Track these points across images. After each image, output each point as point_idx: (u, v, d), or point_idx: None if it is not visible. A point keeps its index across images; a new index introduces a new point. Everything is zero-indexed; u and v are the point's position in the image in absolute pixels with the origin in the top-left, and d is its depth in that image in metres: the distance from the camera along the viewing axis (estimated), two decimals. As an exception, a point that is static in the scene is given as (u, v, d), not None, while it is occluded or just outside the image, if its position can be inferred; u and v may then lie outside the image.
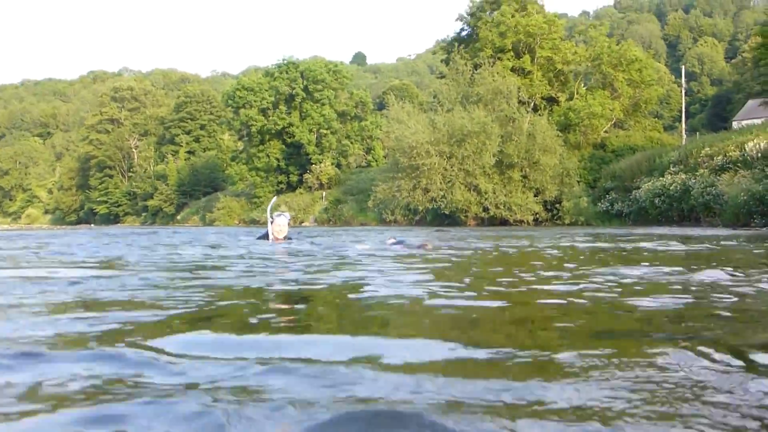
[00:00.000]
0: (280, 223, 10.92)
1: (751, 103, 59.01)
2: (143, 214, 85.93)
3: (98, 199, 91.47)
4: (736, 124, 49.97)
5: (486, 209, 37.00)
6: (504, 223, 36.52)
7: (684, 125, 51.70)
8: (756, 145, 26.55)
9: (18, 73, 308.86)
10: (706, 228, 22.39)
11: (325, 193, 59.08)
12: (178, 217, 77.31)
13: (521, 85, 40.52)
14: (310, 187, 61.27)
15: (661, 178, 30.28)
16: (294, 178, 63.94)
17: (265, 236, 11.12)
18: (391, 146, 41.38)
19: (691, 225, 25.98)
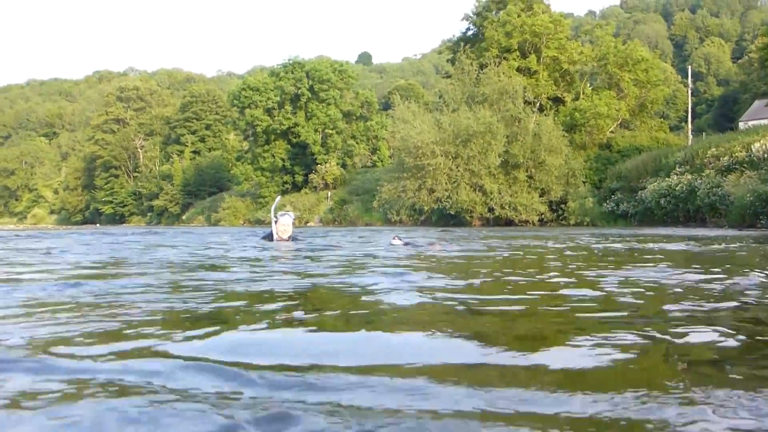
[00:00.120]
0: (284, 223, 10.83)
1: (758, 104, 58.79)
2: (149, 214, 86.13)
3: (104, 199, 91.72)
4: (742, 125, 49.76)
5: (491, 209, 36.95)
6: (509, 223, 36.46)
7: (690, 125, 51.45)
8: (762, 146, 26.43)
9: (24, 73, 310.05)
10: (713, 229, 22.29)
11: (330, 194, 59.11)
12: (184, 217, 77.46)
13: (527, 85, 40.48)
14: (316, 187, 61.32)
15: (667, 179, 30.18)
16: (299, 178, 64.00)
17: (269, 236, 11.05)
18: (397, 146, 41.37)
19: (696, 226, 25.88)
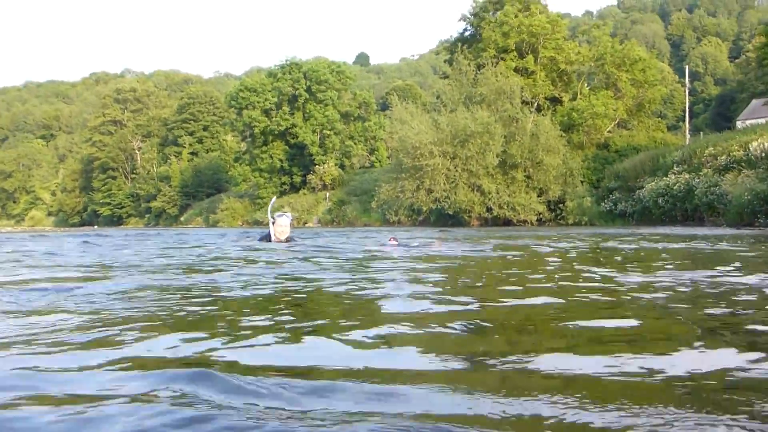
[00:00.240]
0: (281, 224, 10.81)
1: (755, 103, 58.86)
2: (146, 216, 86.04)
3: (101, 201, 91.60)
4: (740, 124, 49.87)
5: (489, 209, 36.97)
6: (507, 223, 36.49)
7: (688, 125, 51.59)
8: (760, 145, 26.43)
9: (21, 75, 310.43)
10: (711, 228, 22.30)
11: (328, 194, 59.10)
12: (182, 219, 77.39)
13: (524, 85, 40.50)
14: (314, 188, 61.31)
15: (665, 178, 30.21)
16: (297, 179, 63.99)
17: (267, 237, 11.01)
18: (395, 147, 41.38)
19: (694, 225, 25.89)
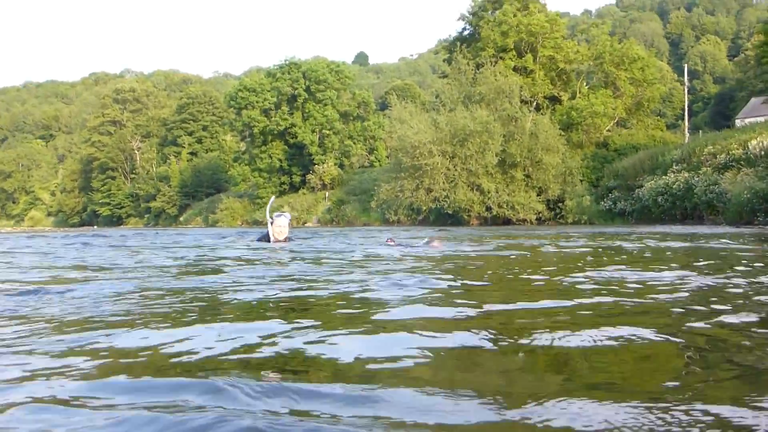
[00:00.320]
0: (280, 224, 10.76)
1: (754, 101, 58.88)
2: (146, 216, 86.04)
3: (101, 201, 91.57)
4: (739, 122, 49.89)
5: (489, 209, 36.98)
6: (507, 222, 36.50)
7: (687, 123, 51.64)
8: (759, 143, 26.47)
9: (20, 76, 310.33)
10: (710, 226, 22.32)
11: (328, 194, 59.10)
12: (181, 219, 77.38)
13: (523, 84, 40.51)
14: (313, 188, 61.30)
15: (664, 177, 30.21)
16: (297, 179, 63.98)
17: (266, 237, 10.96)
18: (394, 146, 41.38)
19: (694, 223, 25.93)
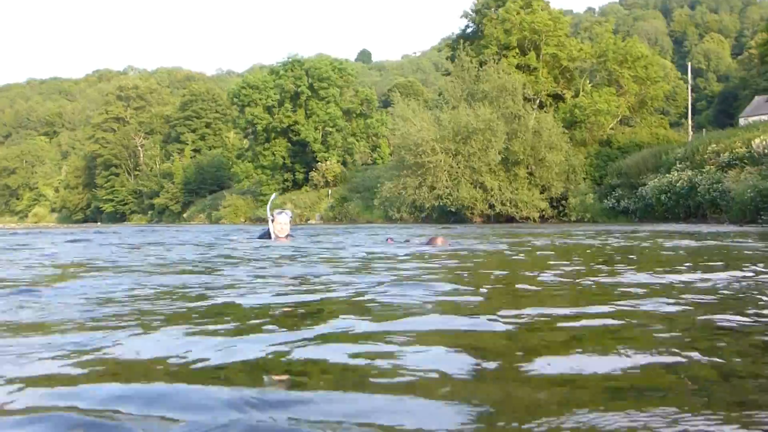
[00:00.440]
0: (281, 221, 10.61)
1: (758, 100, 58.81)
2: (149, 213, 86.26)
3: (104, 198, 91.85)
4: (742, 121, 49.78)
5: (492, 206, 36.99)
6: (510, 220, 36.49)
7: (690, 122, 51.52)
8: (763, 142, 26.42)
9: (24, 72, 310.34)
10: (714, 225, 22.31)
11: (330, 191, 59.14)
12: (185, 215, 77.51)
13: (527, 82, 40.48)
14: (316, 185, 61.36)
15: (668, 175, 30.19)
16: (300, 176, 64.06)
17: (267, 235, 10.81)
18: (397, 144, 41.39)
19: (697, 222, 25.91)
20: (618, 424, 1.42)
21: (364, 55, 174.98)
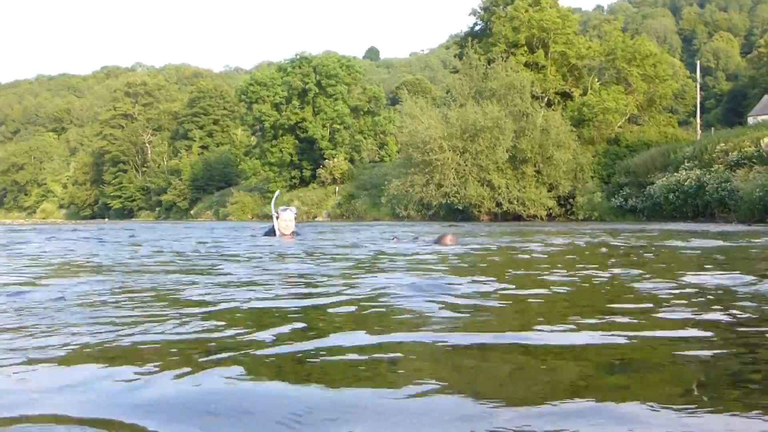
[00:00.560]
0: (286, 218, 10.55)
1: (767, 98, 58.49)
2: (157, 209, 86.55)
3: (112, 194, 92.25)
4: (751, 120, 49.51)
5: (499, 204, 36.98)
6: (517, 218, 36.46)
7: (699, 120, 51.24)
8: (772, 141, 26.36)
9: (32, 69, 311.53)
10: (722, 224, 22.25)
11: (338, 188, 59.19)
12: (192, 212, 77.72)
13: (535, 80, 40.44)
14: (323, 182, 61.43)
15: (676, 174, 30.08)
16: (307, 173, 64.14)
17: (271, 232, 10.77)
18: (405, 141, 41.41)
19: (705, 221, 25.83)
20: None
21: (372, 53, 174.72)
